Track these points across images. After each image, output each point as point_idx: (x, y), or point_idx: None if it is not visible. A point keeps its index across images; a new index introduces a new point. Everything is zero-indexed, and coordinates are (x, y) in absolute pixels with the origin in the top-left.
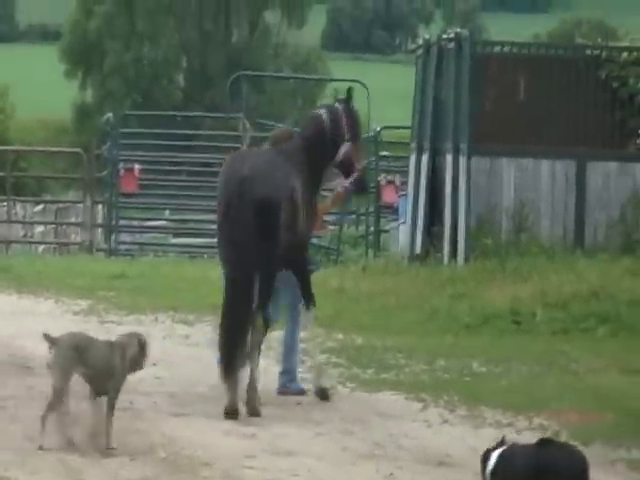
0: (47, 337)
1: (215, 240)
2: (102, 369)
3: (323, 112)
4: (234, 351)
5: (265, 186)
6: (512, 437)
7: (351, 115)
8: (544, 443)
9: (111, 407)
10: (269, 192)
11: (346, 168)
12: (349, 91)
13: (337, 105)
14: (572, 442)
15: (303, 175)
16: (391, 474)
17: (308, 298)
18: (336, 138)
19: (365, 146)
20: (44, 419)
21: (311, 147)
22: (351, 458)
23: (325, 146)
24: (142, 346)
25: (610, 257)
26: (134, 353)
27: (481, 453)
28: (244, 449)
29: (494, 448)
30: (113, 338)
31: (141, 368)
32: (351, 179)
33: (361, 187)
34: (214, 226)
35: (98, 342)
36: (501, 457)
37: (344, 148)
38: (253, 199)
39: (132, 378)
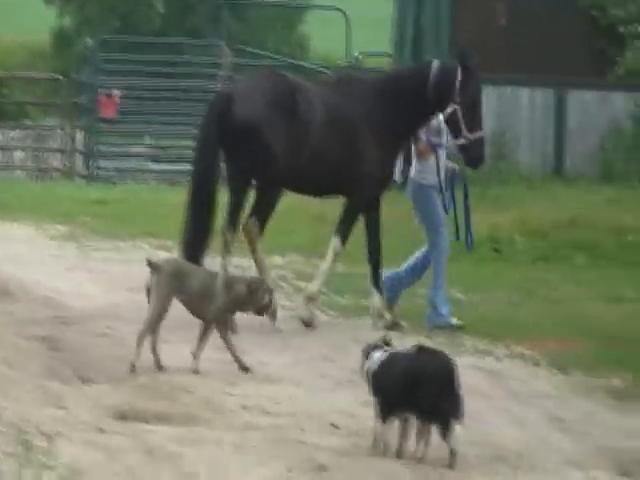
0: (150, 263)
1: None
2: (199, 295)
3: (434, 64)
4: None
5: (237, 105)
6: (391, 336)
7: (468, 78)
8: (420, 350)
9: (221, 333)
10: (238, 109)
11: (453, 130)
12: (464, 52)
13: (455, 64)
14: (552, 370)
15: (366, 114)
16: (369, 401)
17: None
18: (440, 94)
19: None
20: (140, 340)
21: (390, 90)
22: (330, 385)
23: (415, 96)
24: (251, 290)
25: (589, 186)
26: (240, 292)
27: (363, 347)
28: (225, 376)
29: (375, 347)
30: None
31: (252, 312)
32: (455, 142)
33: (469, 159)
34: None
35: (199, 270)
36: (382, 363)
37: (450, 109)
38: (218, 114)
39: (108, 303)
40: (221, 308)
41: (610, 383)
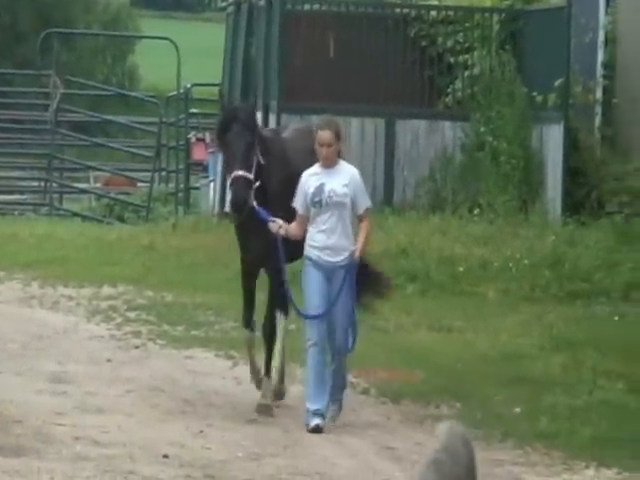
0: None
1: (24, 197)
2: None
3: None
4: None
5: None
6: None
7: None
8: None
9: None
10: None
11: None
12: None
13: None
14: (382, 399)
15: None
16: (201, 431)
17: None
18: None
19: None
20: None
21: None
22: (161, 415)
23: None
24: None
25: (419, 215)
26: None
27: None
28: (54, 406)
29: None
30: None
31: None
32: None
33: None
34: (24, 183)
35: None
36: None
37: None
38: None
39: None
40: None
41: (440, 412)
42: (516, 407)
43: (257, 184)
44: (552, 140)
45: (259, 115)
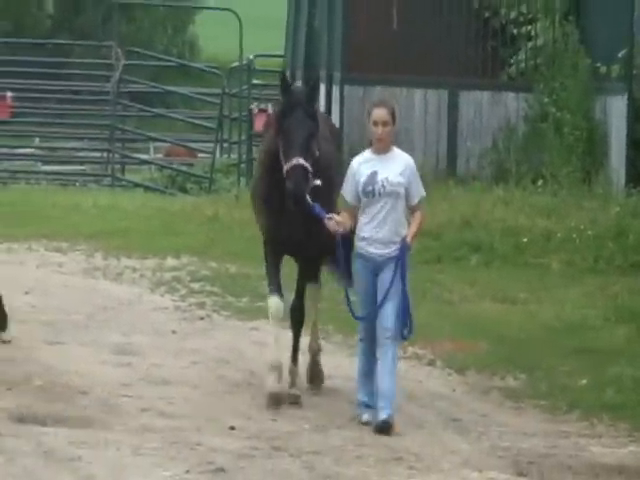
0: None
1: (83, 168)
2: None
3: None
4: None
5: None
6: None
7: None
8: None
9: None
10: None
11: None
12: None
13: None
14: (447, 370)
15: None
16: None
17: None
18: None
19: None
20: None
21: None
22: (227, 387)
23: None
24: None
25: (482, 186)
26: None
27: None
28: (120, 378)
29: None
30: None
31: None
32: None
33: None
34: (83, 153)
35: None
36: None
37: None
38: None
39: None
40: None
41: (505, 383)
42: (581, 378)
43: (318, 182)
44: (616, 111)
45: (322, 88)
